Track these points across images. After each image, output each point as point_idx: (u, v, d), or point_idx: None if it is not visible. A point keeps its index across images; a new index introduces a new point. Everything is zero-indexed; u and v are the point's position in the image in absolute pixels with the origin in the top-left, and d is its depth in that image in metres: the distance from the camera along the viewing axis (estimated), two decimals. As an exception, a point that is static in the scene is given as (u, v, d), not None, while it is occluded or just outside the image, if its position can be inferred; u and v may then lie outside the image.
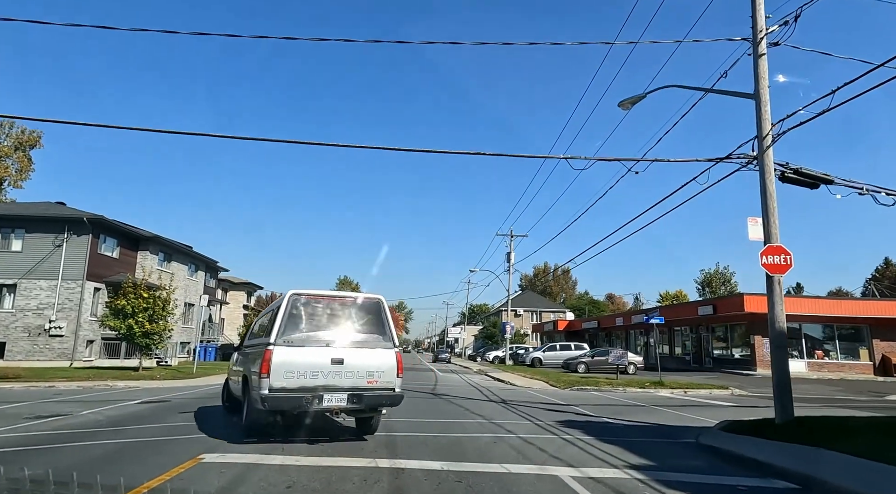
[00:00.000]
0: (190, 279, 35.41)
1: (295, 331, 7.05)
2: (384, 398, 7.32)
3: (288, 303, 7.18)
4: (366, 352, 7.29)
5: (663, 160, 10.90)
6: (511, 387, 20.29)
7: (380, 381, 7.22)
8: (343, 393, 6.94)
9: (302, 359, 6.88)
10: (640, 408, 13.74)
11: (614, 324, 46.29)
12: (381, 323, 7.62)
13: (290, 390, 6.72)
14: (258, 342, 7.75)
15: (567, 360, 29.76)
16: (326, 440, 7.49)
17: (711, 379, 24.15)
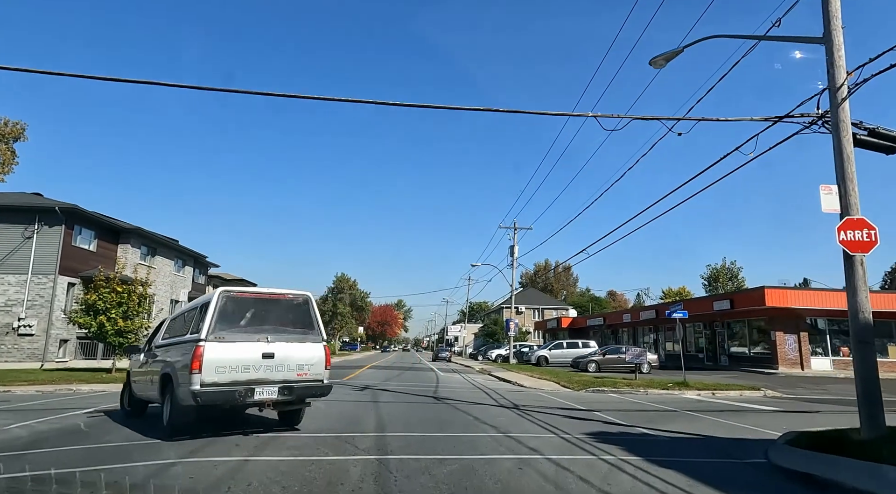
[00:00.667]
0: (176, 275, 33.56)
1: (226, 327, 7.16)
2: (314, 390, 7.72)
3: (218, 300, 7.27)
4: (295, 346, 7.58)
5: (711, 119, 9.09)
6: (520, 389, 18.49)
7: (309, 373, 7.62)
8: (274, 386, 7.23)
9: (233, 354, 7.06)
10: (673, 414, 11.96)
11: (622, 321, 44.53)
12: (309, 319, 7.97)
13: (222, 384, 6.89)
14: (181, 339, 7.69)
15: (576, 358, 27.96)
16: (261, 430, 7.54)
17: (733, 378, 22.39)
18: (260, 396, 7.08)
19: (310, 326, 7.91)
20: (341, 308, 69.65)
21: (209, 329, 6.98)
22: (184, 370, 6.95)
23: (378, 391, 15.62)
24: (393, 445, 7.03)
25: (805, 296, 27.00)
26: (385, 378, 21.88)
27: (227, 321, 7.19)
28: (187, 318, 8.05)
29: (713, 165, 11.07)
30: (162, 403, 7.66)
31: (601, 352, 27.16)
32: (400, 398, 13.80)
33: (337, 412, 10.31)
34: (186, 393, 6.76)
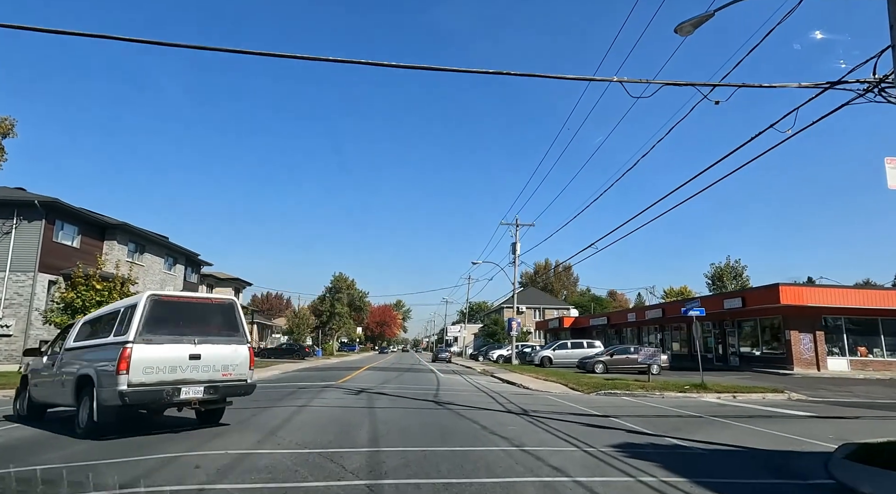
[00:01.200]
0: (167, 273, 32.35)
1: (154, 330, 7.33)
2: (238, 388, 8.05)
3: (146, 303, 7.43)
4: (221, 348, 7.85)
5: (752, 85, 7.95)
6: (526, 392, 17.34)
7: (234, 373, 7.91)
8: (200, 386, 7.49)
9: (161, 355, 7.26)
10: (699, 420, 10.83)
11: (626, 320, 43.36)
12: (235, 322, 8.31)
13: (150, 384, 7.08)
14: (104, 341, 7.72)
15: (583, 359, 26.80)
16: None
17: (748, 380, 21.27)
18: (186, 395, 7.34)
19: (235, 329, 8.23)
20: (339, 308, 68.40)
21: (137, 332, 7.14)
22: (109, 372, 7.06)
23: (374, 394, 14.46)
24: (388, 464, 5.87)
25: (821, 293, 25.88)
26: (383, 381, 20.72)
27: (155, 324, 7.37)
28: (109, 320, 8.11)
29: (746, 143, 9.97)
30: (77, 406, 7.70)
31: (608, 352, 26.01)
32: (398, 403, 12.64)
33: (326, 420, 9.14)
34: (112, 394, 6.86)
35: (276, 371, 26.21)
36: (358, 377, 22.62)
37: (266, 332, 61.53)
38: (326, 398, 13.26)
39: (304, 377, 23.01)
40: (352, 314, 73.97)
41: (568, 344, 33.50)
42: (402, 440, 7.36)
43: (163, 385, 7.15)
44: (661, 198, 13.97)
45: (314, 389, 15.96)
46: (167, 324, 7.49)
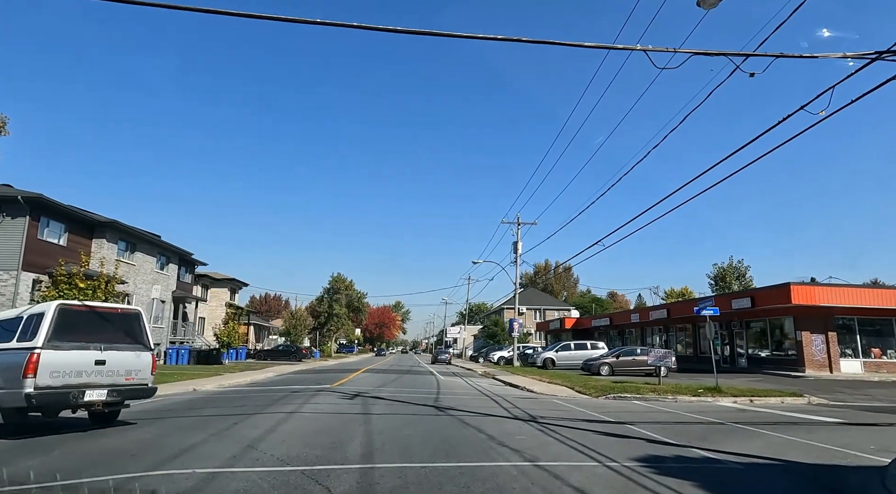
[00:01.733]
0: (159, 273, 31.45)
1: (62, 337, 7.78)
2: (140, 392, 8.61)
3: (54, 312, 7.88)
4: (126, 354, 8.39)
5: (791, 55, 7.10)
6: (531, 395, 16.49)
7: (136, 378, 8.45)
8: (104, 389, 7.96)
9: (68, 361, 7.72)
10: (723, 428, 9.99)
11: (629, 321, 42.57)
12: (139, 330, 8.96)
13: (56, 387, 7.50)
14: (7, 346, 8.02)
15: (587, 361, 25.95)
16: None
17: (759, 382, 20.43)
18: (90, 397, 7.78)
19: (140, 336, 8.86)
20: (337, 309, 67.51)
21: (45, 338, 7.54)
22: (13, 377, 7.37)
23: (371, 399, 13.59)
24: (383, 485, 5.01)
25: (835, 293, 25.05)
26: (380, 384, 19.85)
27: (63, 331, 7.79)
28: (12, 326, 8.38)
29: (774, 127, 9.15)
30: None
31: (614, 354, 25.17)
32: (396, 408, 11.78)
33: (316, 429, 8.27)
34: (17, 397, 7.19)
35: (271, 374, 25.33)
36: (355, 380, 21.76)
37: (263, 333, 60.66)
38: (319, 403, 12.39)
39: (298, 379, 22.14)
40: (350, 316, 73.10)
41: (571, 345, 32.65)
42: (399, 453, 6.50)
43: (69, 388, 7.58)
44: (672, 192, 13.13)
45: (307, 393, 15.10)
46: (75, 331, 7.96)
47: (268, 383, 20.13)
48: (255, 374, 24.31)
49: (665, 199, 14.93)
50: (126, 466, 5.56)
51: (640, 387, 16.69)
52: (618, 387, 16.89)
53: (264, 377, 23.61)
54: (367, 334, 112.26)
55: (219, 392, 15.81)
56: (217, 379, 20.14)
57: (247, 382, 20.21)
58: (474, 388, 19.15)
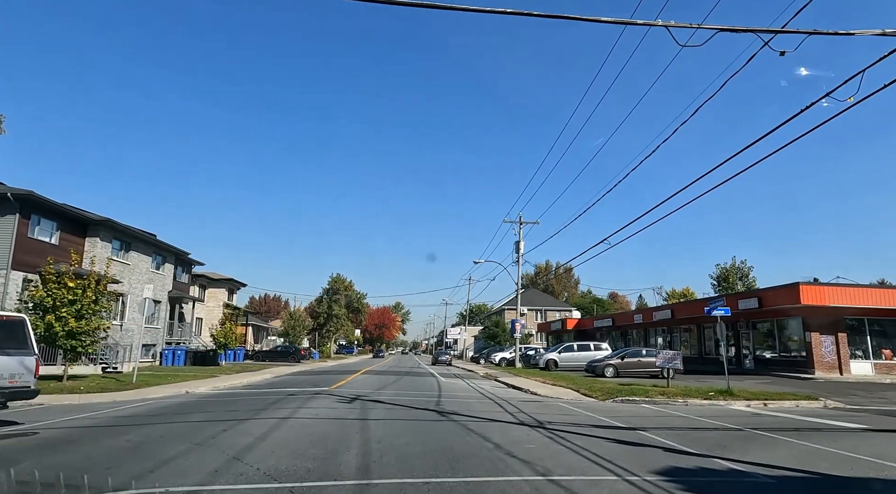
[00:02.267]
0: (155, 273, 30.89)
1: None
2: (23, 394, 9.25)
3: None
4: (9, 359, 8.95)
5: (825, 33, 6.54)
6: (535, 398, 15.92)
7: (19, 381, 9.04)
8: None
9: None
10: (742, 435, 9.43)
11: (632, 322, 42.01)
12: (24, 336, 9.47)
13: None
14: None
15: (591, 362, 25.38)
16: None
17: (770, 384, 19.90)
18: None
19: (24, 342, 9.34)
20: (337, 310, 66.91)
21: None
22: None
23: (369, 402, 13.03)
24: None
25: (844, 293, 24.47)
26: (379, 386, 19.28)
27: None
28: None
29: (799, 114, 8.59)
30: None
31: (618, 355, 24.60)
32: (395, 413, 11.22)
33: (310, 437, 7.70)
34: None
35: (268, 376, 24.77)
36: (353, 382, 21.19)
37: (261, 334, 60.06)
38: (315, 407, 11.83)
39: (295, 381, 21.58)
40: (350, 316, 72.51)
41: (574, 347, 32.07)
42: (399, 466, 5.94)
43: None
44: (681, 189, 12.58)
45: (303, 396, 14.53)
46: None
47: (264, 385, 19.57)
48: (251, 376, 23.75)
49: (673, 196, 14.43)
50: (96, 480, 5.00)
51: (649, 390, 16.13)
52: (625, 390, 16.33)
53: (261, 378, 23.05)
54: (367, 335, 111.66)
55: (212, 395, 15.25)
56: (212, 381, 19.59)
57: (242, 384, 19.65)
58: (476, 390, 18.59)
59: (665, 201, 12.90)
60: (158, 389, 16.06)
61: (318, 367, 36.78)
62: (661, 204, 13.22)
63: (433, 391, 17.97)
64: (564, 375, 24.95)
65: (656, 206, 13.81)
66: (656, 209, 15.99)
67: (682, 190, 11.99)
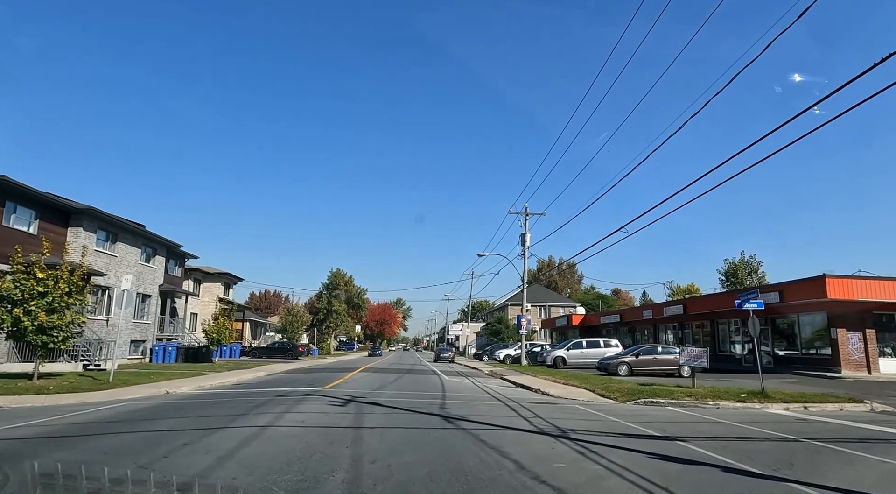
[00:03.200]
0: (144, 265, 29.51)
1: None
2: None
3: None
4: None
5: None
6: (549, 399, 14.52)
7: None
8: None
9: None
10: (796, 446, 8.04)
11: (641, 318, 40.54)
12: None
13: None
14: None
15: (604, 360, 23.97)
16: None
17: (796, 384, 18.53)
18: None
19: None
20: (336, 306, 65.54)
21: None
22: None
23: (366, 406, 11.63)
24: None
25: (873, 287, 23.00)
26: (378, 386, 17.90)
27: None
28: None
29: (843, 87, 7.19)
30: None
31: (633, 353, 23.19)
32: (395, 419, 9.82)
33: (288, 455, 6.25)
34: None
35: (262, 373, 23.40)
36: (351, 381, 19.81)
37: (259, 330, 58.70)
38: (303, 412, 10.43)
39: (289, 380, 20.21)
40: (350, 312, 71.15)
41: (583, 343, 30.66)
42: None
43: None
44: (699, 177, 11.26)
45: (294, 397, 13.13)
46: None
47: (255, 383, 18.21)
48: (243, 373, 22.39)
49: (690, 185, 13.09)
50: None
51: (673, 390, 14.71)
52: (646, 390, 14.92)
53: (253, 376, 21.69)
54: (368, 331, 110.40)
55: (193, 396, 13.87)
56: (199, 380, 18.23)
57: (231, 383, 18.28)
58: (483, 390, 17.20)
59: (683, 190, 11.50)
60: (136, 389, 14.68)
61: (315, 364, 35.44)
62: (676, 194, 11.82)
63: (436, 391, 16.58)
64: (575, 373, 23.55)
65: (672, 196, 12.42)
66: (671, 200, 14.60)
67: (700, 179, 10.59)
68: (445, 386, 18.51)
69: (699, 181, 12.10)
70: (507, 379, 22.15)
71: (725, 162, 10.87)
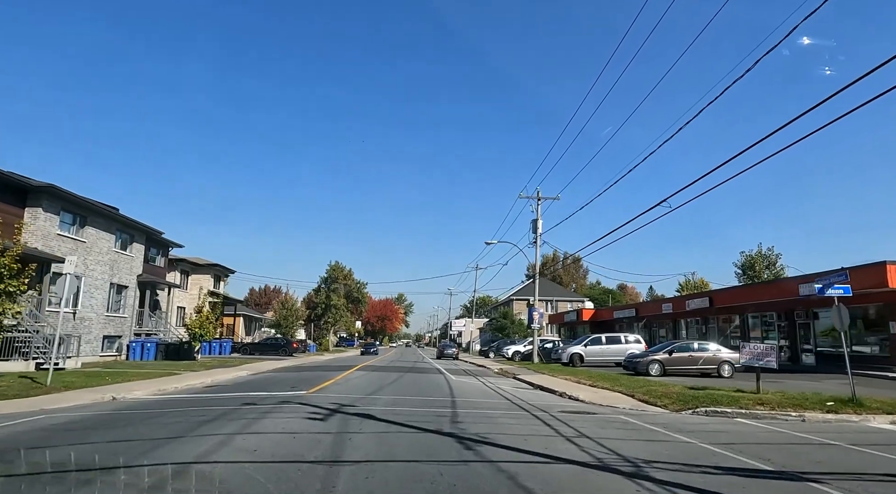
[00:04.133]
0: (119, 253, 26.80)
1: None
2: None
3: None
4: None
5: None
6: (584, 408, 11.75)
7: None
8: None
9: None
10: None
11: (660, 312, 37.73)
12: None
13: None
14: None
15: (632, 358, 21.20)
16: None
17: (865, 386, 15.75)
18: None
19: None
20: (335, 300, 62.86)
21: None
22: None
23: (354, 419, 8.88)
24: None
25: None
26: (374, 388, 15.18)
27: None
28: None
29: None
30: None
31: (665, 350, 20.42)
32: (390, 443, 7.09)
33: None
34: None
35: (244, 372, 20.72)
36: (343, 382, 17.11)
37: (254, 325, 56.00)
38: (264, 431, 7.69)
39: (272, 380, 17.53)
40: (349, 307, 68.43)
41: (602, 339, 27.88)
42: None
43: None
44: (726, 160, 8.53)
45: (263, 407, 10.38)
46: None
47: (230, 386, 15.53)
48: (223, 373, 19.72)
49: (721, 166, 10.48)
50: None
51: (735, 396, 11.95)
52: (701, 396, 12.15)
53: (233, 376, 19.02)
54: (369, 327, 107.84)
55: (141, 404, 11.14)
56: (167, 381, 15.57)
57: (203, 385, 15.62)
58: (499, 394, 14.48)
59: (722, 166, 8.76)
60: (74, 395, 11.98)
61: (309, 362, 32.77)
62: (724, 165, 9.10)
63: (443, 395, 13.86)
64: (599, 373, 20.81)
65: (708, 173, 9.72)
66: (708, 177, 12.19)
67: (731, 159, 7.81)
68: (453, 389, 15.80)
69: (755, 147, 9.34)
70: (522, 379, 19.45)
71: (770, 136, 8.11)
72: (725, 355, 19.77)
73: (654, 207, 14.67)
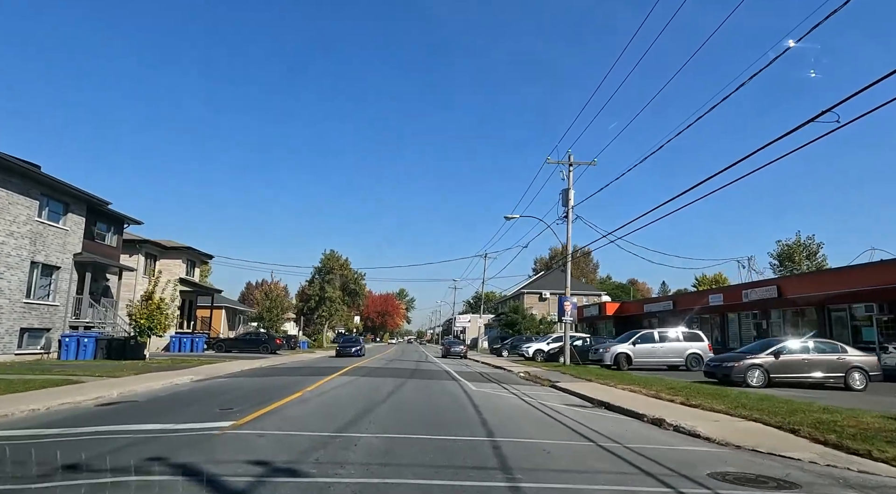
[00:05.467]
0: (46, 224, 21.31)
1: None
2: None
3: None
4: None
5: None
6: (730, 455, 6.06)
7: None
8: None
9: None
10: None
11: (706, 304, 32.01)
12: None
13: None
14: None
15: (721, 363, 15.48)
16: None
17: None
18: None
19: None
20: (330, 292, 57.30)
21: None
22: None
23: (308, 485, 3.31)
24: None
25: None
26: (356, 413, 9.54)
27: None
28: None
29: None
30: None
31: (769, 351, 14.78)
32: None
33: None
34: None
35: (188, 378, 15.22)
36: (313, 397, 11.57)
37: (238, 318, 50.40)
38: None
39: (210, 393, 12.02)
40: (346, 300, 62.80)
41: (654, 336, 22.32)
42: None
43: None
44: None
45: (171, 441, 4.81)
46: None
47: (124, 409, 9.97)
48: (155, 379, 14.23)
49: None
50: None
51: None
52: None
53: (162, 385, 13.52)
54: (369, 322, 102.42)
55: None
56: (35, 397, 10.06)
57: (95, 403, 10.11)
58: (559, 422, 8.88)
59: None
60: None
61: (291, 361, 27.28)
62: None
63: (471, 426, 8.24)
64: (666, 380, 15.24)
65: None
66: None
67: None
68: (481, 410, 10.20)
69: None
70: (566, 389, 13.92)
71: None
72: (855, 358, 14.22)
73: (725, 170, 9.12)
